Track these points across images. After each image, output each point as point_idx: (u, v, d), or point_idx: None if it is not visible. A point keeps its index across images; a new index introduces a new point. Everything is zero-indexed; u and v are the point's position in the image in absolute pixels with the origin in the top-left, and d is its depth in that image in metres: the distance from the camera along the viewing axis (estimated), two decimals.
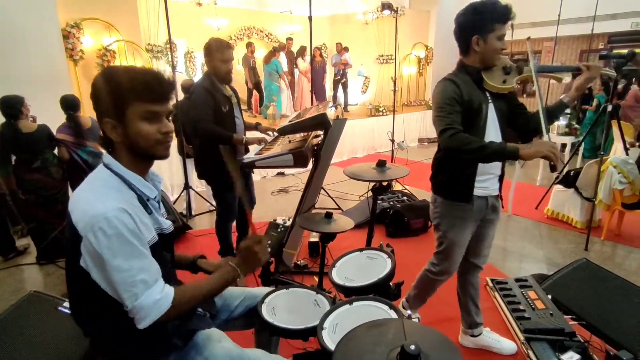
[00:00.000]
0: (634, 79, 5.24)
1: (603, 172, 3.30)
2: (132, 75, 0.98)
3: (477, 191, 1.67)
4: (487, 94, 1.65)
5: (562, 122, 5.24)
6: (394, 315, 1.10)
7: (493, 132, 1.64)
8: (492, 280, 2.56)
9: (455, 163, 1.66)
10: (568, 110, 5.32)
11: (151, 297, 0.95)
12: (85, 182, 1.03)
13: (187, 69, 7.91)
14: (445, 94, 1.56)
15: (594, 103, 6.01)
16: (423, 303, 2.08)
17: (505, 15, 1.54)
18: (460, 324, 2.10)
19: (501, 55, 1.63)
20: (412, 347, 0.74)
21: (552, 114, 1.71)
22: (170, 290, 1.00)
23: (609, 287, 2.21)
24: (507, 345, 2.03)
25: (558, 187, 3.83)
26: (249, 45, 7.84)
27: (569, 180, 3.69)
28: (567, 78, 1.74)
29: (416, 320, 1.92)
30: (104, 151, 1.07)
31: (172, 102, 3.89)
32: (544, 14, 8.02)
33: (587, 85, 1.67)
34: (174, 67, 4.00)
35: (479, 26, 1.55)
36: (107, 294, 0.95)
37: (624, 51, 3.02)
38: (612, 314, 2.04)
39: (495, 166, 1.70)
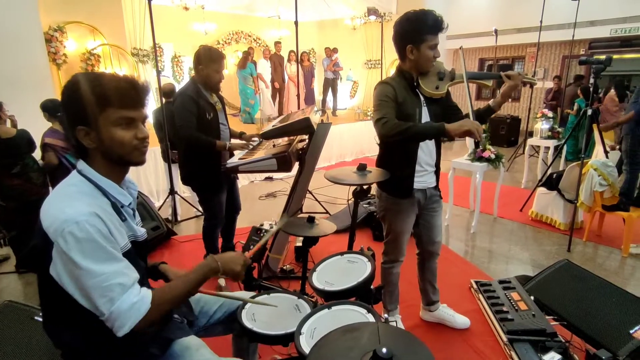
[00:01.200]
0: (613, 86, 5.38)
1: (584, 174, 3.36)
2: (104, 81, 0.97)
3: (416, 184, 1.85)
4: (422, 98, 1.78)
5: (545, 125, 5.34)
6: (371, 319, 1.10)
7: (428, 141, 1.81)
8: (476, 282, 2.58)
9: (397, 162, 1.81)
10: (550, 114, 5.44)
11: (128, 300, 0.92)
12: (57, 188, 1.01)
13: (174, 74, 7.86)
14: (381, 93, 1.69)
15: (575, 107, 6.16)
16: (395, 300, 2.16)
17: (436, 26, 1.63)
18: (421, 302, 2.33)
19: (435, 62, 1.75)
20: (384, 350, 0.73)
21: (480, 116, 1.82)
22: (147, 292, 0.97)
23: (590, 287, 2.24)
24: (460, 320, 2.25)
25: (541, 190, 3.90)
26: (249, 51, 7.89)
27: (552, 183, 3.76)
28: (490, 84, 1.90)
29: (394, 323, 1.95)
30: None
31: (153, 107, 3.87)
32: (527, 20, 8.18)
33: (511, 92, 1.79)
34: (159, 72, 3.95)
35: (411, 36, 1.66)
36: (78, 303, 0.93)
37: (603, 57, 3.11)
38: (592, 314, 2.07)
39: (430, 163, 1.88)
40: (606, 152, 3.78)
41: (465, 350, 2.07)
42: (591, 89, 3.34)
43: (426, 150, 1.85)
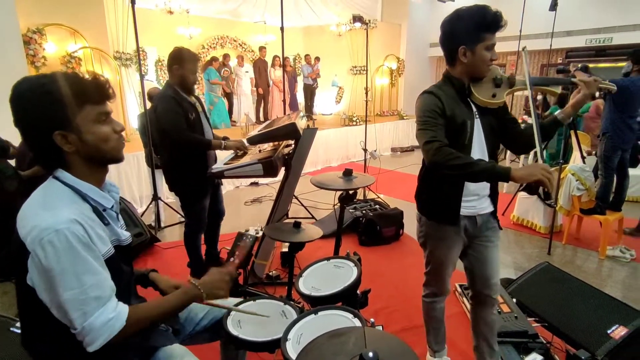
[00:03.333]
0: (600, 93, 5.58)
1: (563, 179, 3.46)
2: (74, 80, 0.93)
3: (463, 210, 1.53)
4: (474, 108, 1.51)
5: None
6: (357, 323, 1.10)
7: (478, 151, 1.50)
8: (460, 286, 2.61)
9: (439, 181, 1.53)
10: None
11: (103, 316, 0.90)
12: (34, 195, 0.97)
13: (157, 78, 7.76)
14: (427, 106, 1.43)
15: (547, 114, 6.35)
16: (442, 340, 1.89)
17: (495, 22, 1.38)
18: None
19: (492, 65, 1.49)
20: (370, 354, 0.74)
21: (546, 132, 1.54)
22: (123, 309, 0.95)
23: (569, 289, 2.30)
24: None
25: (522, 195, 3.99)
26: (225, 56, 7.85)
27: (532, 188, 3.85)
28: (558, 91, 1.62)
29: None
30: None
31: (137, 112, 3.79)
32: (508, 30, 8.35)
33: (585, 101, 1.52)
34: (142, 76, 3.90)
35: (465, 36, 1.40)
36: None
37: (579, 65, 3.23)
38: (572, 315, 2.13)
39: (482, 187, 1.55)
40: (583, 158, 3.91)
41: (449, 353, 2.09)
42: (569, 97, 3.44)
43: None
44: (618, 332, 1.92)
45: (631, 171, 3.89)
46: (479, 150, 1.50)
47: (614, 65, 7.79)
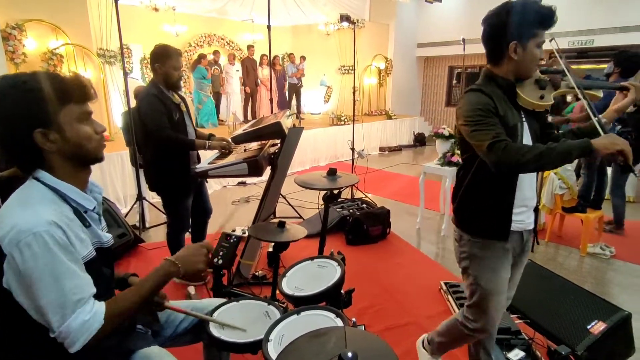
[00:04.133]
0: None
1: (545, 178, 3.53)
2: (55, 79, 0.92)
3: (513, 225, 1.39)
4: (521, 112, 1.39)
5: None
6: (340, 323, 1.10)
7: None
8: (445, 283, 2.64)
9: (491, 191, 1.37)
10: None
11: (79, 318, 0.88)
12: (12, 196, 0.94)
13: (143, 75, 7.64)
14: (478, 104, 1.30)
15: None
16: (445, 351, 1.80)
17: (549, 18, 1.29)
18: None
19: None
20: (350, 354, 0.73)
21: (585, 136, 1.40)
22: (100, 308, 0.93)
23: (551, 286, 2.35)
24: None
25: None
26: (215, 53, 7.79)
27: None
28: (600, 95, 1.52)
29: None
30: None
31: (120, 110, 3.71)
32: None
33: (629, 106, 1.44)
34: (126, 73, 3.83)
35: (518, 30, 1.29)
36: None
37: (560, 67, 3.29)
38: (553, 312, 2.17)
39: (531, 197, 1.43)
40: None
41: None
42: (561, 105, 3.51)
43: (527, 177, 1.40)
44: (597, 327, 1.96)
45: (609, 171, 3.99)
46: None
47: (596, 66, 7.98)
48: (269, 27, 4.34)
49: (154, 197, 4.40)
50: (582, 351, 1.88)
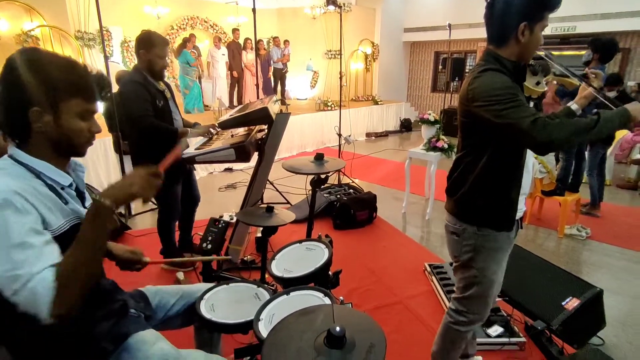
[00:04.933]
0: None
1: None
2: (78, 70, 0.95)
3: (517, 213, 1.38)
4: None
5: None
6: (328, 302, 1.14)
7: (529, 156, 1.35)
8: (430, 265, 2.73)
9: (502, 180, 1.32)
10: None
11: (27, 289, 0.82)
12: None
13: (124, 59, 7.41)
14: (502, 83, 1.21)
15: None
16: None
17: (558, 2, 1.25)
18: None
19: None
20: (338, 328, 0.77)
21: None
22: (46, 272, 0.84)
23: (529, 265, 2.45)
24: None
25: None
26: (191, 37, 7.59)
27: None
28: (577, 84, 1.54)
29: None
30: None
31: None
32: (478, 17, 8.52)
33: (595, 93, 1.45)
34: (106, 57, 3.72)
35: (529, 11, 1.24)
36: None
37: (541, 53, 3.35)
38: (530, 290, 2.27)
39: (528, 183, 1.43)
40: None
41: (418, 328, 2.20)
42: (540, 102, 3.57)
43: (529, 162, 1.40)
44: (571, 303, 2.07)
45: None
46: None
47: (577, 53, 8.11)
48: (254, 9, 4.26)
49: None
50: (557, 326, 1.99)
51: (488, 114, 1.21)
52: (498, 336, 2.02)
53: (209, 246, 1.61)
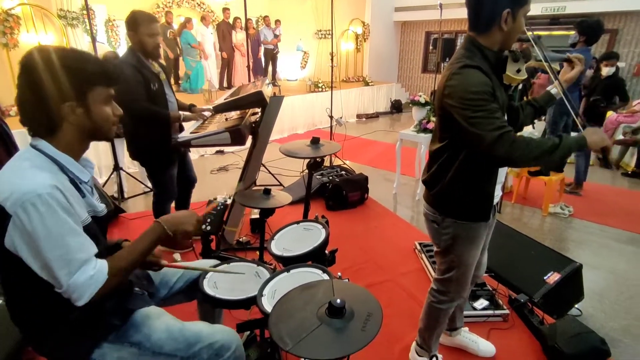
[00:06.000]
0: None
1: None
2: (95, 60, 1.02)
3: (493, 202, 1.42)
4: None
5: None
6: (326, 277, 1.21)
7: None
8: (419, 244, 2.83)
9: (480, 175, 1.35)
10: None
11: (85, 273, 0.95)
12: (9, 163, 0.98)
13: (108, 39, 7.20)
14: (479, 85, 1.19)
15: None
16: (438, 338, 1.75)
17: None
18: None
19: None
20: (338, 301, 0.84)
21: (542, 108, 1.53)
22: (102, 263, 1.00)
23: (514, 243, 2.57)
24: (484, 346, 1.89)
25: None
26: (167, 14, 7.40)
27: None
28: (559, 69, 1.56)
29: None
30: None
31: None
32: None
33: (576, 77, 1.49)
34: (93, 38, 3.63)
35: None
36: (37, 276, 0.93)
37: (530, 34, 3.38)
38: (515, 265, 2.40)
39: (503, 172, 1.45)
40: (532, 123, 4.18)
41: (409, 303, 2.31)
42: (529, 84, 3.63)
43: None
44: (552, 277, 2.19)
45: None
46: None
47: (567, 33, 8.16)
48: None
49: (129, 167, 4.33)
50: (538, 298, 2.12)
51: (459, 117, 1.21)
52: (483, 309, 2.14)
53: (208, 227, 1.66)
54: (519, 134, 1.38)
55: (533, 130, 3.82)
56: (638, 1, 7.06)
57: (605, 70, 4.16)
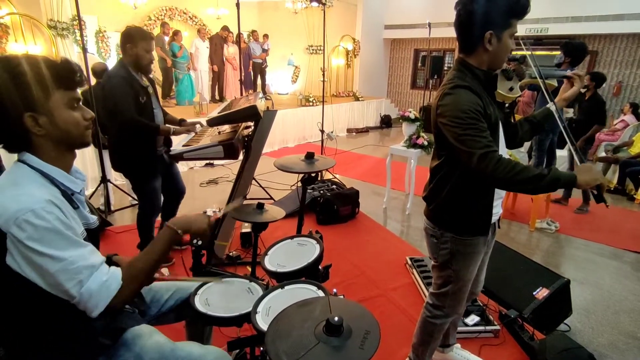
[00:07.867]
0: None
1: None
2: (47, 63, 0.93)
3: (492, 218, 1.42)
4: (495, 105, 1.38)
5: None
6: (322, 294, 1.20)
7: (502, 154, 1.33)
8: (410, 259, 2.83)
9: (478, 190, 1.35)
10: None
11: (97, 280, 0.92)
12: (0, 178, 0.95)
13: (98, 50, 7.17)
14: (469, 105, 1.23)
15: None
16: (432, 354, 1.75)
17: (524, 9, 1.27)
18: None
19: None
20: (336, 318, 0.83)
21: (539, 124, 1.55)
22: (116, 270, 0.97)
23: (503, 258, 2.59)
24: None
25: None
26: (164, 25, 7.43)
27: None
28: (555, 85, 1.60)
29: None
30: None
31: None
32: (449, 17, 8.76)
33: (575, 95, 1.51)
34: (84, 48, 3.61)
35: (495, 19, 1.25)
36: (30, 295, 0.89)
37: (519, 54, 3.50)
38: (504, 280, 2.42)
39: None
40: (532, 139, 4.29)
41: (400, 319, 2.30)
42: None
43: None
44: (541, 293, 2.22)
45: (558, 152, 4.36)
46: (501, 152, 1.33)
47: (549, 53, 8.45)
48: (237, 4, 4.23)
49: (117, 179, 4.26)
50: (528, 314, 2.14)
51: (449, 134, 1.26)
52: (475, 325, 2.14)
53: (200, 242, 1.63)
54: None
55: (520, 147, 3.90)
56: (617, 25, 7.39)
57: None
